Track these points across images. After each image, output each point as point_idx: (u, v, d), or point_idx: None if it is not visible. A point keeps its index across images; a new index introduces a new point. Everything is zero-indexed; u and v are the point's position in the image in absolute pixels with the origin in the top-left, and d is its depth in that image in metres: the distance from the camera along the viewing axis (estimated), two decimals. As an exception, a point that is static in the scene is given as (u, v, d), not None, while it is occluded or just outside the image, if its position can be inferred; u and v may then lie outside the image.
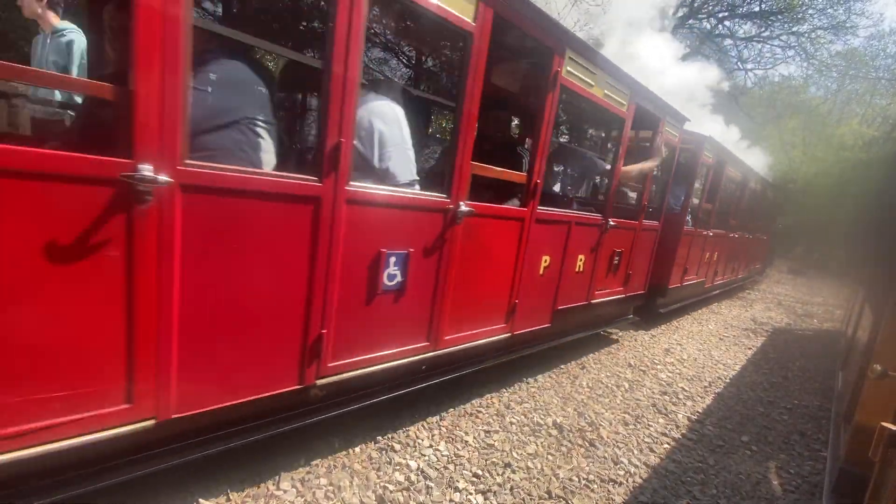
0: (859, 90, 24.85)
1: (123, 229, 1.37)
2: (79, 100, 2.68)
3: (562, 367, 3.86)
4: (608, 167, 3.99)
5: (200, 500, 1.82)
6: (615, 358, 4.35)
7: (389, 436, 2.46)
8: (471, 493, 2.13)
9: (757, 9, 15.38)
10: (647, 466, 2.63)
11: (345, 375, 2.13)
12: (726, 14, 16.03)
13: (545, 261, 3.22)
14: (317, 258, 1.86)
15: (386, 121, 2.17)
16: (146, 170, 1.35)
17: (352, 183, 1.90)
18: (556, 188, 4.14)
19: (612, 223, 3.81)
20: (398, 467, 2.22)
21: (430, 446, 2.43)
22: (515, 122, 4.31)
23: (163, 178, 1.38)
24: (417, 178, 2.33)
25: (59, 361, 1.34)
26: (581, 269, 3.67)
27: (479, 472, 2.28)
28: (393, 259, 2.17)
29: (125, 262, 1.39)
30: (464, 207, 2.42)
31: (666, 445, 2.91)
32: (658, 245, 4.94)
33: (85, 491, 1.44)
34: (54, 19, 4.35)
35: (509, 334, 3.10)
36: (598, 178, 4.67)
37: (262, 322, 1.77)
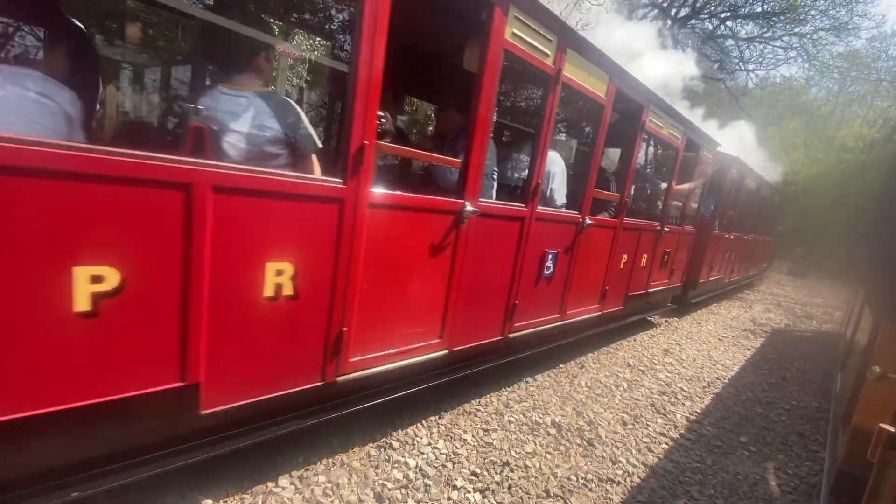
0: (861, 92, 24.85)
1: (454, 237, 2.41)
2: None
3: (561, 366, 3.86)
4: (664, 185, 5.00)
5: (199, 497, 1.82)
6: (614, 358, 4.36)
7: (388, 434, 2.46)
8: (469, 492, 2.13)
9: (759, 9, 15.36)
10: (646, 466, 2.64)
11: (519, 333, 3.23)
12: (728, 14, 16.02)
13: (624, 258, 4.33)
14: (518, 255, 2.95)
15: (553, 164, 3.33)
16: (469, 206, 2.40)
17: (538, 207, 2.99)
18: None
19: (665, 229, 4.93)
20: (397, 465, 2.22)
21: (429, 444, 2.44)
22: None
23: (473, 209, 2.41)
24: (566, 201, 3.51)
25: (418, 311, 2.37)
26: (643, 265, 4.77)
27: (478, 471, 2.29)
28: (550, 255, 3.24)
29: (451, 255, 2.44)
30: (588, 221, 3.49)
31: (664, 445, 2.91)
32: (693, 246, 6.13)
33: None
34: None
35: (600, 313, 4.21)
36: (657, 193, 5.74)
37: (490, 293, 2.85)
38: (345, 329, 2.00)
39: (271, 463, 2.08)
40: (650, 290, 5.11)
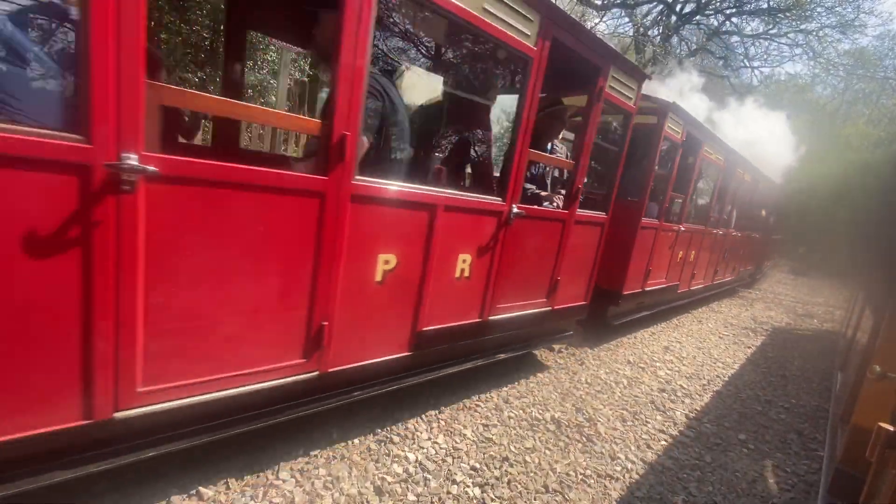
0: (866, 90, 24.62)
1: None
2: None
3: (561, 363, 3.87)
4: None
5: (200, 488, 1.83)
6: (614, 355, 4.36)
7: (388, 428, 2.48)
8: (468, 486, 2.15)
9: (765, 6, 15.22)
10: (644, 463, 2.65)
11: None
12: (734, 11, 15.87)
13: (741, 251, 8.21)
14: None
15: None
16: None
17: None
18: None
19: (756, 236, 9.34)
20: (396, 459, 2.24)
21: (429, 439, 2.45)
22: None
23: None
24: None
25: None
26: (742, 254, 8.62)
27: (477, 466, 2.30)
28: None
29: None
30: (720, 231, 5.87)
31: (663, 442, 2.92)
32: (761, 244, 10.28)
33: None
34: None
35: (732, 278, 8.44)
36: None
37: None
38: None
39: (271, 456, 2.10)
40: (745, 269, 9.36)
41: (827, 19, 15.57)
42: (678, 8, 15.76)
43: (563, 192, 3.38)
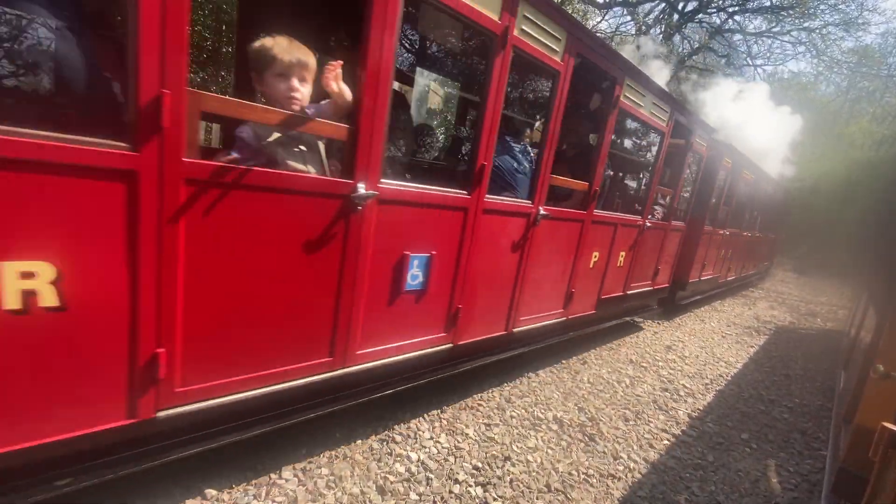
0: (870, 88, 24.49)
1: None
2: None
3: (563, 362, 3.87)
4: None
5: (204, 488, 1.84)
6: (616, 354, 4.36)
7: (390, 427, 2.48)
8: (470, 486, 2.15)
9: (768, 3, 15.14)
10: (647, 462, 2.65)
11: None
12: (736, 9, 15.79)
13: (758, 251, 10.47)
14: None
15: None
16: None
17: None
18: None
19: (772, 236, 11.42)
20: (399, 459, 2.24)
21: (431, 438, 2.45)
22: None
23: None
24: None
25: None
26: (762, 251, 10.49)
27: (479, 465, 2.30)
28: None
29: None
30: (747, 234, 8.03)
31: (666, 442, 2.92)
32: (772, 244, 11.94)
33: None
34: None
35: (753, 271, 10.63)
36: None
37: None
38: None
39: (274, 455, 2.10)
40: (763, 263, 11.13)
41: (830, 17, 15.48)
42: (680, 6, 15.70)
43: (656, 207, 4.88)
